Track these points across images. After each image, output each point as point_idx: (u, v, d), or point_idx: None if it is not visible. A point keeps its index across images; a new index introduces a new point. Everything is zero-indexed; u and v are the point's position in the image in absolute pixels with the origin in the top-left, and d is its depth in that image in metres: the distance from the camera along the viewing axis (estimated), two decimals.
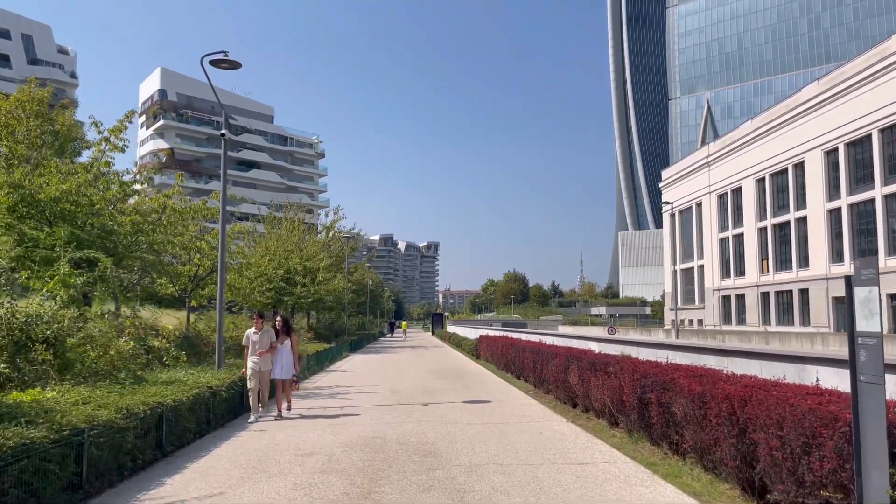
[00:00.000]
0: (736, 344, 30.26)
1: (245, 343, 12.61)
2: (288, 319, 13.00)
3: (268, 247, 37.96)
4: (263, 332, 12.47)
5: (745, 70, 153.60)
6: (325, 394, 16.34)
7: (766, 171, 55.45)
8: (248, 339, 12.55)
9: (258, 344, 12.37)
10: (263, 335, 12.44)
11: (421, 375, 21.34)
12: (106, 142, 16.04)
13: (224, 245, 13.49)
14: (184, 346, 14.69)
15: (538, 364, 16.01)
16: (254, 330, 12.54)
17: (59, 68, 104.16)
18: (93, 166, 15.40)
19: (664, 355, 11.24)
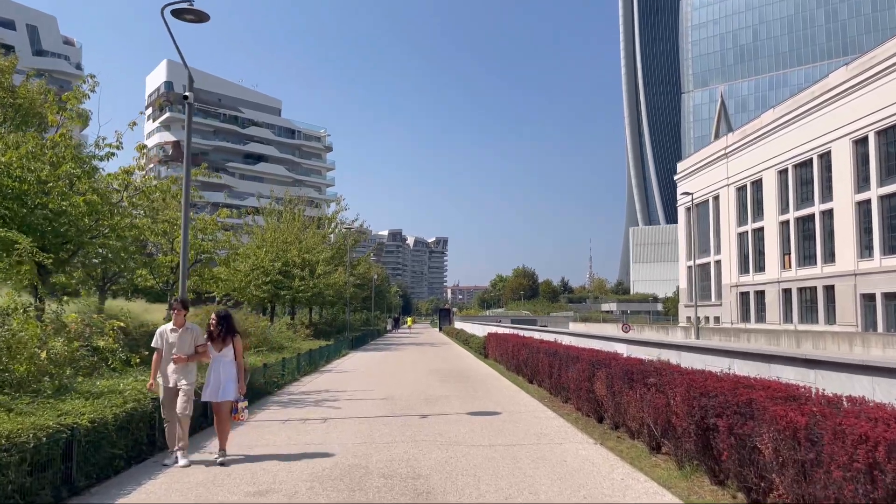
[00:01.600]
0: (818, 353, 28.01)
1: (156, 345, 8.47)
2: (229, 316, 8.76)
3: (264, 238, 35.99)
4: (186, 329, 8.55)
5: (760, 63, 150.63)
6: (309, 401, 14.27)
7: (788, 161, 52.95)
8: (161, 338, 8.48)
9: (175, 346, 8.39)
10: (185, 334, 8.49)
11: (423, 378, 19.25)
12: (62, 111, 14.03)
13: (187, 224, 11.43)
14: (139, 347, 12.64)
15: (555, 368, 13.89)
16: (171, 326, 8.55)
17: (64, 59, 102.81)
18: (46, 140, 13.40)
19: (720, 363, 9.09)
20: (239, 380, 8.59)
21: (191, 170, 11.66)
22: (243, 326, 24.03)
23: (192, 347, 8.56)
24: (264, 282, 33.21)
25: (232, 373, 8.54)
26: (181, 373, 8.37)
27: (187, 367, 8.45)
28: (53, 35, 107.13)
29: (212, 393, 8.46)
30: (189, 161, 11.61)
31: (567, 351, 13.42)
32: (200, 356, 8.62)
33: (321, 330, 37.18)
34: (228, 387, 8.45)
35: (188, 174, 11.60)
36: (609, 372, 10.11)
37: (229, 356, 8.60)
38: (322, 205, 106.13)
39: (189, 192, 11.55)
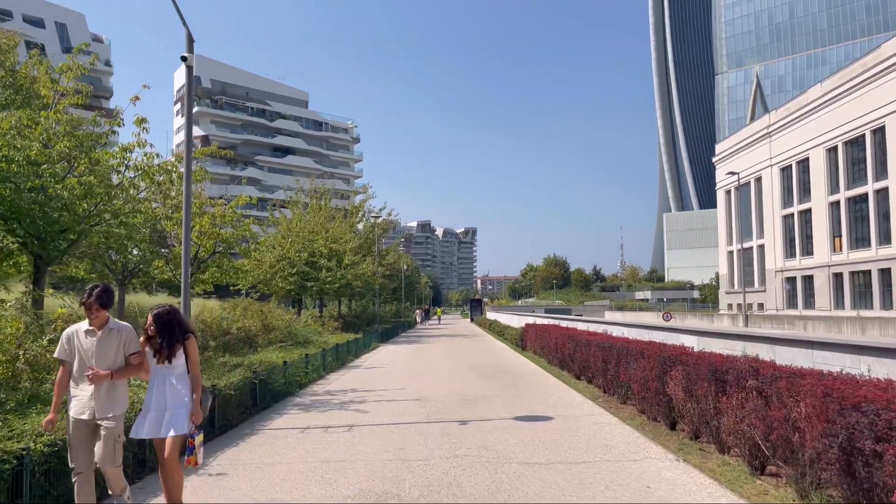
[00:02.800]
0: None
1: (61, 355, 5.52)
2: (174, 313, 5.82)
3: (290, 228, 34.69)
4: (109, 330, 5.54)
5: (798, 41, 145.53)
6: (333, 403, 12.74)
7: (838, 139, 50.02)
8: (70, 344, 5.51)
9: (93, 356, 5.45)
10: (108, 338, 5.51)
11: (458, 374, 17.63)
12: (53, 83, 12.67)
13: (188, 202, 9.93)
14: None
15: (611, 364, 12.15)
16: (85, 326, 5.53)
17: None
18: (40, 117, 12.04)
19: (839, 361, 7.29)
20: (195, 402, 5.72)
21: (192, 142, 10.15)
22: (267, 320, 22.73)
23: (120, 357, 5.55)
24: (290, 273, 31.93)
25: (182, 394, 5.65)
26: (102, 398, 5.39)
27: (113, 388, 5.47)
28: (82, 32, 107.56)
29: (152, 426, 5.52)
30: (190, 132, 10.10)
31: (626, 345, 11.67)
32: (133, 370, 5.66)
33: (350, 322, 35.85)
34: (178, 415, 5.55)
35: (189, 147, 10.09)
36: (688, 370, 8.36)
37: (179, 369, 5.69)
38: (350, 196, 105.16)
39: (190, 167, 10.05)
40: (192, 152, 10.18)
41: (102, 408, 5.40)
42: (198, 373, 5.86)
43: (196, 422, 5.68)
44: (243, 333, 20.54)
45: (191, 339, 5.87)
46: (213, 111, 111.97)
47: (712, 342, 11.08)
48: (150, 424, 5.55)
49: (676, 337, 12.45)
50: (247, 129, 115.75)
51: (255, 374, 11.82)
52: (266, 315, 25.45)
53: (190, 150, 10.19)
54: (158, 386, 5.65)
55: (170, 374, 5.67)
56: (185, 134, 10.15)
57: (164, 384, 5.64)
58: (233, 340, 18.66)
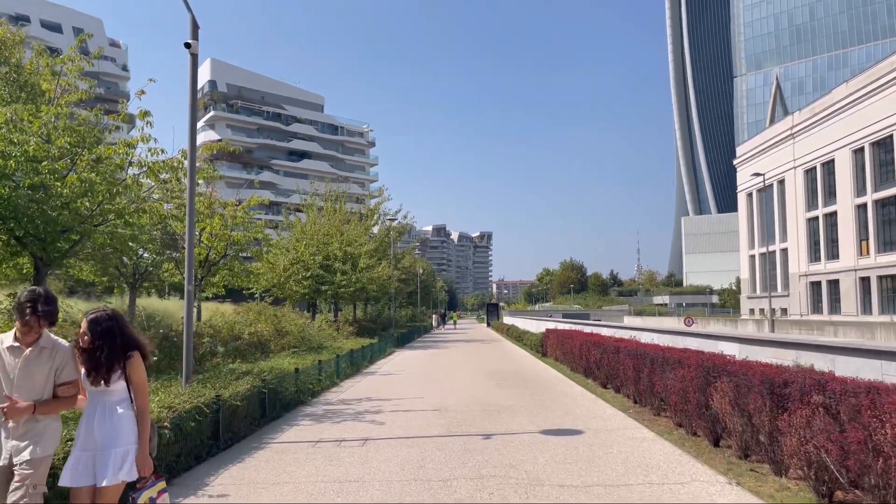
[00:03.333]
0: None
1: None
2: (116, 320, 4.50)
3: (304, 230, 34.13)
4: (39, 350, 4.35)
5: (818, 42, 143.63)
6: (347, 413, 12.03)
7: (865, 139, 48.70)
8: None
9: (14, 380, 4.27)
10: (37, 359, 4.33)
11: (478, 382, 16.86)
12: (55, 76, 12.11)
13: (192, 198, 9.28)
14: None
15: (643, 373, 11.34)
16: (9, 339, 4.35)
17: (110, 61, 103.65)
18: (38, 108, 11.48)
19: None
20: (141, 443, 4.37)
21: (196, 135, 9.52)
22: (280, 325, 22.10)
23: (50, 384, 4.35)
24: (304, 276, 31.33)
25: (123, 428, 4.32)
26: (25, 435, 4.22)
27: (37, 424, 4.27)
28: (99, 37, 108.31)
29: (76, 470, 4.23)
30: (194, 124, 9.46)
31: (660, 352, 10.86)
32: (63, 404, 4.44)
33: (365, 327, 35.17)
34: (114, 457, 4.23)
35: (193, 140, 9.45)
36: (737, 382, 7.55)
37: (119, 394, 4.40)
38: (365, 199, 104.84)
39: (194, 161, 9.42)
40: (196, 146, 9.54)
41: (23, 446, 4.16)
42: (145, 403, 4.46)
43: (143, 472, 4.32)
44: (255, 339, 19.92)
45: (135, 358, 4.45)
46: (229, 115, 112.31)
47: (758, 350, 10.23)
48: (72, 468, 4.22)
49: (714, 344, 11.61)
50: (263, 133, 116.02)
51: (265, 383, 11.14)
52: (280, 319, 24.89)
53: (194, 143, 9.55)
54: (89, 416, 4.33)
55: (107, 400, 4.35)
56: (188, 126, 9.52)
57: (99, 413, 4.32)
58: (244, 346, 18.04)
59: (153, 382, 9.60)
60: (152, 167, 11.60)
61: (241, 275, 20.03)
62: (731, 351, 10.48)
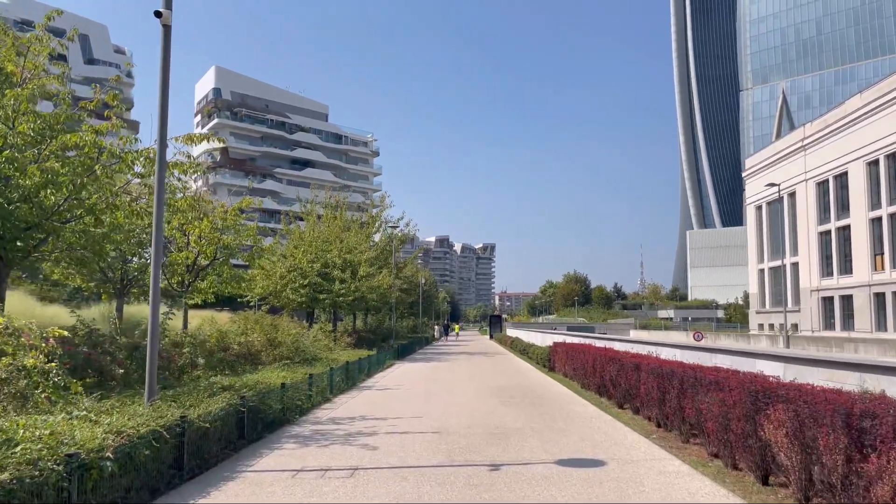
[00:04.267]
0: None
1: None
2: None
3: (302, 237, 32.96)
4: None
5: (825, 57, 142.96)
6: (337, 434, 10.75)
7: (879, 151, 47.44)
8: None
9: None
10: None
11: (482, 399, 15.57)
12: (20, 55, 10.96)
13: (161, 186, 8.09)
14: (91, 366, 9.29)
15: (671, 394, 10.05)
16: None
17: (115, 68, 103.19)
18: None
19: None
20: None
21: (166, 118, 8.34)
22: (273, 334, 20.84)
23: None
24: (302, 284, 30.13)
25: None
26: None
27: None
28: (104, 44, 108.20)
29: None
30: (165, 99, 8.28)
31: (691, 372, 9.57)
32: None
33: (364, 338, 33.92)
34: None
35: (164, 123, 8.26)
36: (797, 411, 6.28)
37: None
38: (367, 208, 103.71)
39: (164, 146, 8.22)
40: (166, 128, 8.35)
41: None
42: None
43: None
44: (246, 349, 18.71)
45: None
46: (232, 123, 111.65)
47: (806, 371, 8.92)
48: None
49: (751, 363, 10.33)
50: (266, 142, 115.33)
51: (244, 401, 9.88)
52: (276, 329, 23.72)
53: (165, 126, 8.36)
54: None
55: None
56: (158, 106, 8.33)
57: None
58: (230, 357, 16.81)
59: (112, 399, 8.37)
60: (125, 158, 10.41)
61: (230, 281, 18.77)
62: (772, 371, 9.24)
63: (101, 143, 10.19)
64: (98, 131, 10.14)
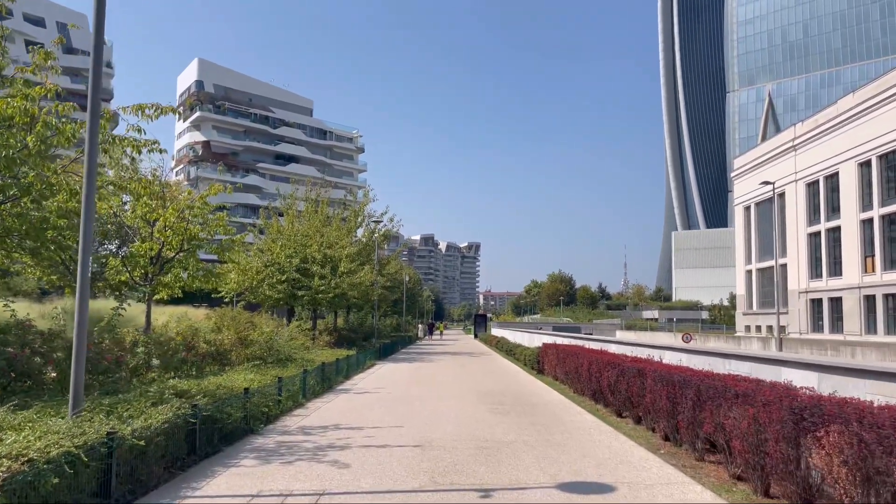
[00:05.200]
0: None
1: None
2: None
3: (281, 231, 31.56)
4: None
5: (812, 60, 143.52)
6: (306, 447, 9.45)
7: (872, 152, 46.79)
8: None
9: None
10: None
11: (469, 405, 14.32)
12: None
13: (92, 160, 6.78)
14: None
15: (685, 405, 8.86)
16: None
17: None
18: None
19: None
20: None
21: (100, 79, 7.05)
22: (244, 332, 19.47)
23: None
24: (279, 280, 28.74)
25: None
26: None
27: None
28: (83, 33, 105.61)
29: None
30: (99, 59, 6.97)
31: (710, 381, 8.39)
32: None
33: (345, 337, 32.57)
34: None
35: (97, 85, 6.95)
36: (860, 437, 5.10)
37: None
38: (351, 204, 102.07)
39: (98, 110, 6.91)
40: (99, 90, 7.03)
41: None
42: None
43: None
44: (214, 348, 17.34)
45: None
46: (215, 116, 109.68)
47: (850, 382, 7.69)
48: None
49: (775, 371, 9.13)
50: (249, 136, 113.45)
51: (196, 410, 8.55)
52: (254, 326, 22.45)
53: (98, 89, 7.03)
54: None
55: None
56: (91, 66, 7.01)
57: None
58: (194, 358, 15.45)
59: (33, 409, 7.03)
60: (63, 129, 9.05)
61: (198, 275, 17.36)
62: (802, 381, 8.08)
63: (34, 110, 8.82)
64: (28, 95, 8.76)
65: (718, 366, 11.06)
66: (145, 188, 13.88)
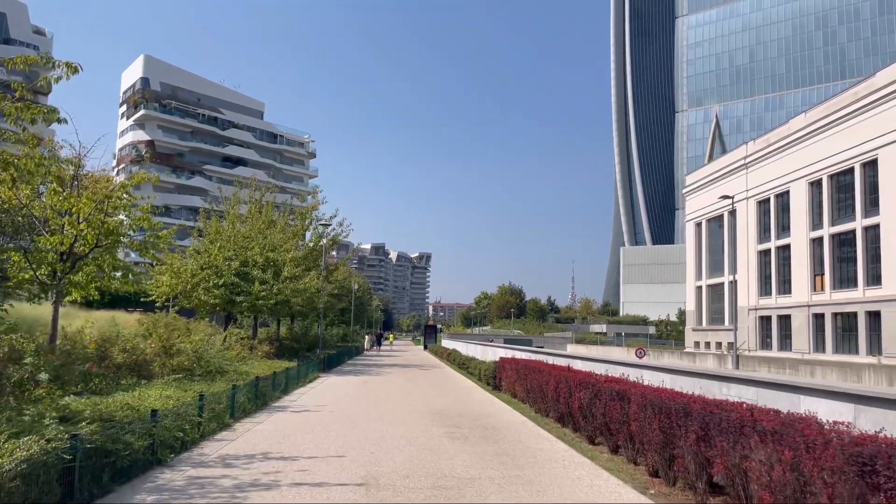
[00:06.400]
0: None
1: None
2: None
3: (220, 231, 29.33)
4: None
5: (757, 84, 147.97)
6: (224, 486, 7.61)
7: (822, 171, 47.13)
8: None
9: None
10: None
11: (422, 429, 12.62)
12: None
13: None
14: None
15: (682, 438, 7.39)
16: None
17: (33, 49, 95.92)
18: None
19: None
20: None
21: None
22: (167, 341, 17.36)
23: None
24: (216, 284, 26.50)
25: None
26: None
27: None
28: (23, 24, 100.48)
29: None
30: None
31: (721, 412, 6.92)
32: None
33: (287, 347, 30.45)
34: None
35: None
36: None
37: None
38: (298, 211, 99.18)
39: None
40: None
41: None
42: None
43: None
44: (131, 359, 15.26)
45: None
46: (160, 115, 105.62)
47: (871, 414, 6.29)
48: None
49: (792, 399, 7.68)
50: (196, 137, 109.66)
51: (75, 440, 6.64)
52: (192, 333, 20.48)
53: None
54: None
55: None
56: None
57: None
58: (105, 371, 13.39)
59: None
60: None
61: (113, 274, 15.20)
62: (830, 412, 6.69)
63: None
64: None
65: (713, 389, 9.67)
66: (38, 165, 11.76)
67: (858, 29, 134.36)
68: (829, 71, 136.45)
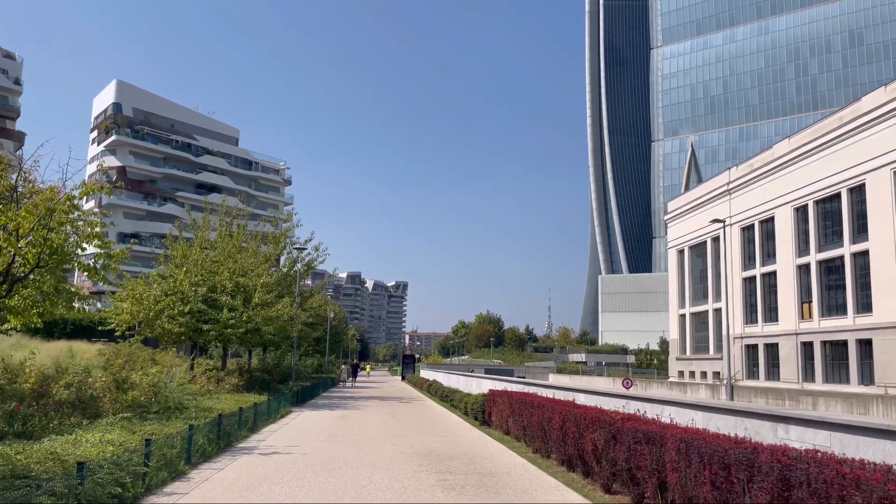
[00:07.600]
0: None
1: None
2: None
3: (186, 255, 27.44)
4: None
5: (731, 114, 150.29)
6: None
7: (808, 197, 46.53)
8: None
9: None
10: None
11: (410, 475, 10.88)
12: None
13: None
14: None
15: (754, 496, 5.83)
16: None
17: (1, 73, 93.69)
18: None
19: None
20: None
21: None
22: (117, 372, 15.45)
23: None
24: (181, 311, 24.55)
25: None
26: None
27: None
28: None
29: None
30: None
31: (804, 467, 5.38)
32: None
33: (257, 379, 28.45)
34: None
35: None
36: None
37: None
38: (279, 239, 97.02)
39: None
40: None
41: None
42: None
43: None
44: (76, 395, 13.42)
45: None
46: (132, 141, 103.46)
47: None
48: None
49: (884, 447, 6.24)
50: (169, 163, 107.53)
51: None
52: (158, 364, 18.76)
53: None
54: None
55: None
56: None
57: None
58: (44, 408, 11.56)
59: None
60: None
61: (57, 298, 13.33)
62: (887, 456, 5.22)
63: None
64: None
65: (764, 432, 8.13)
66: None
67: (829, 61, 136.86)
68: (802, 102, 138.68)
